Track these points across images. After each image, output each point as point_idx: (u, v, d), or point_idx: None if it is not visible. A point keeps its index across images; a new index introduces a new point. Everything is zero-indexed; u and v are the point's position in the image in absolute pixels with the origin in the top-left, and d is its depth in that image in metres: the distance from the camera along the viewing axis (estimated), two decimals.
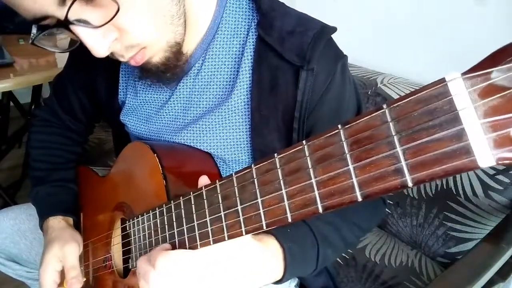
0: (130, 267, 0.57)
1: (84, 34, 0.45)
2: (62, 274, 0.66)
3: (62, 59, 1.44)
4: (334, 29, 0.57)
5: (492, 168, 0.86)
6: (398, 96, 0.28)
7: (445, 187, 0.94)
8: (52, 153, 0.82)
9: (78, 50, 0.72)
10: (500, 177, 0.85)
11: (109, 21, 0.44)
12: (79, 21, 0.44)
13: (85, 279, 0.66)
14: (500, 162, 0.19)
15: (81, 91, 0.77)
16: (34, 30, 0.48)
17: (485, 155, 0.19)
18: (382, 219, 1.04)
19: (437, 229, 0.96)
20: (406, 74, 1.09)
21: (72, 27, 0.44)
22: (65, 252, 0.66)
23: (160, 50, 0.52)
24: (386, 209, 1.05)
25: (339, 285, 0.92)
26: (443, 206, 0.94)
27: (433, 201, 0.96)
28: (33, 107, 1.96)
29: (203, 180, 0.42)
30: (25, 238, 0.84)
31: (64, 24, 0.44)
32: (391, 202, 1.06)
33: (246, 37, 0.58)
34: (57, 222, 0.72)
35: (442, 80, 0.21)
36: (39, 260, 0.68)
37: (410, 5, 1.14)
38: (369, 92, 1.08)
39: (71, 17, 0.43)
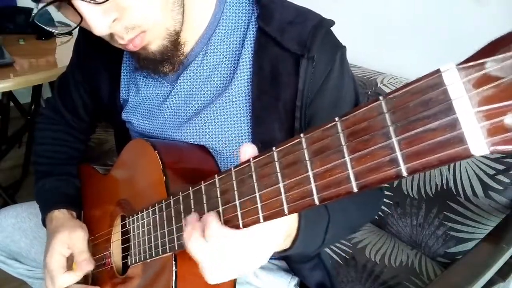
0: (129, 263, 0.57)
1: (85, 9, 0.46)
2: (69, 260, 0.66)
3: (62, 59, 1.45)
4: (332, 22, 0.58)
5: (492, 168, 0.86)
6: None
7: (445, 187, 0.94)
8: (56, 149, 0.83)
9: (82, 49, 0.73)
10: (500, 177, 0.85)
11: None
12: None
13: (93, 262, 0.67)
14: (493, 150, 0.19)
15: (84, 90, 0.78)
16: (35, 10, 0.49)
17: (478, 143, 0.19)
18: (380, 208, 1.04)
19: (437, 229, 0.96)
20: (406, 74, 1.10)
21: (74, 2, 0.45)
22: (73, 238, 0.66)
23: (159, 36, 0.53)
24: (385, 208, 1.06)
25: (339, 285, 0.92)
26: (443, 206, 0.94)
27: (433, 201, 0.96)
28: (33, 107, 1.96)
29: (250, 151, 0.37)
30: (26, 236, 0.84)
31: None
32: (391, 202, 1.06)
33: (247, 30, 0.58)
34: (62, 214, 0.73)
35: (437, 71, 0.21)
36: (39, 259, 0.68)
37: (411, 6, 1.14)
38: (369, 92, 1.08)
39: None
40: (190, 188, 0.41)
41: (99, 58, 0.69)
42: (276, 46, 0.55)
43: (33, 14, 0.50)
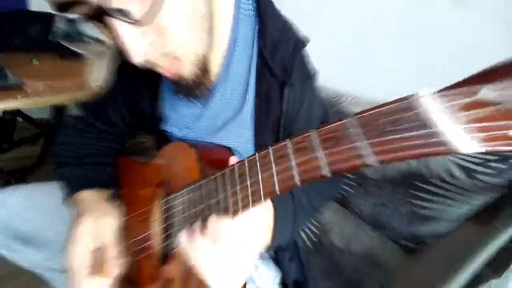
0: (172, 245, 0.58)
1: (123, 30, 0.41)
2: (96, 254, 0.58)
3: (90, 79, 1.34)
4: (305, 42, 0.66)
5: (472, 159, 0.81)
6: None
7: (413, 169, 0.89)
8: (85, 153, 0.77)
9: (124, 72, 0.74)
10: (481, 168, 0.78)
11: (151, 13, 0.40)
12: (120, 12, 0.40)
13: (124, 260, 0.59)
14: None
15: (124, 108, 0.80)
16: (57, 23, 0.43)
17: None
18: (340, 189, 1.07)
19: (401, 207, 0.90)
20: (371, 96, 1.06)
21: (110, 20, 0.40)
22: (100, 226, 0.58)
23: (189, 62, 0.53)
24: (348, 188, 1.10)
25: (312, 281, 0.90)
26: (409, 185, 0.89)
27: (398, 182, 0.92)
28: (51, 121, 1.87)
29: (232, 159, 0.49)
30: (44, 214, 0.73)
31: (100, 14, 0.39)
32: (354, 184, 1.06)
33: (252, 50, 0.65)
34: (89, 195, 0.65)
35: (409, 96, 0.28)
36: (61, 242, 0.60)
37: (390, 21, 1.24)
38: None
39: (114, 4, 0.39)
40: (227, 168, 0.48)
41: (139, 77, 0.70)
42: (269, 74, 0.64)
43: (53, 31, 0.42)
